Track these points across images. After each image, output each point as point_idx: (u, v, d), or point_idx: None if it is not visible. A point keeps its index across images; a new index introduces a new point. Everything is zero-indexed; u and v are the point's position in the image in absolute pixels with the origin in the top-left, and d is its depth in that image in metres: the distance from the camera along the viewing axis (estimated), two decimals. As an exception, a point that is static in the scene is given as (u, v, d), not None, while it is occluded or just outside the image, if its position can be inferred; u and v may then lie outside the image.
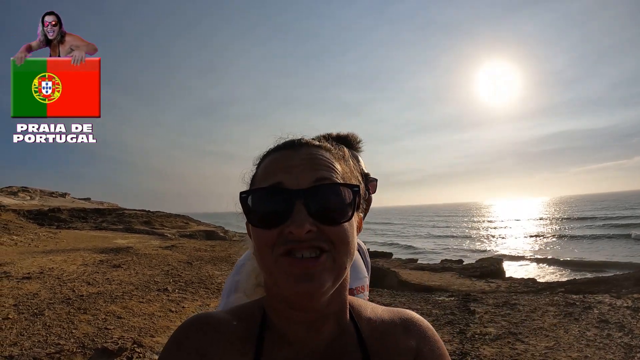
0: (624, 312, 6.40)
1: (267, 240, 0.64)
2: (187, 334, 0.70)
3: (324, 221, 0.64)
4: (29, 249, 14.13)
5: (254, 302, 0.80)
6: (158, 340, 5.26)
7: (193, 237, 25.57)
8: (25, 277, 8.46)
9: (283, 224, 0.63)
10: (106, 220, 31.01)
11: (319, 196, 0.64)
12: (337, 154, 0.74)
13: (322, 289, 0.62)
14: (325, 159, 0.70)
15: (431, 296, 8.72)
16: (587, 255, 22.94)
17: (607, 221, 43.18)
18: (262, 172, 0.72)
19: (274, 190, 0.66)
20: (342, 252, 0.65)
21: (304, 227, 0.61)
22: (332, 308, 0.71)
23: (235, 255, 8.75)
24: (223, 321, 0.73)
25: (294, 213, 0.62)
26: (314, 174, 0.66)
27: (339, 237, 0.64)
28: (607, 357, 4.75)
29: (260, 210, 0.66)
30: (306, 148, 0.71)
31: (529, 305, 7.18)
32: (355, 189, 0.68)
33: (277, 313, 0.72)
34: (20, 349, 4.74)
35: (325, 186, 0.66)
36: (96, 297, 7.12)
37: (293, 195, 0.64)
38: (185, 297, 7.62)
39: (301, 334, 0.70)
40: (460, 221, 74.72)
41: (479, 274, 12.99)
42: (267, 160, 0.73)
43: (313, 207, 0.63)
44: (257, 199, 0.67)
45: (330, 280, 0.64)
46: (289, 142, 0.73)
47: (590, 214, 60.49)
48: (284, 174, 0.66)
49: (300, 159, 0.68)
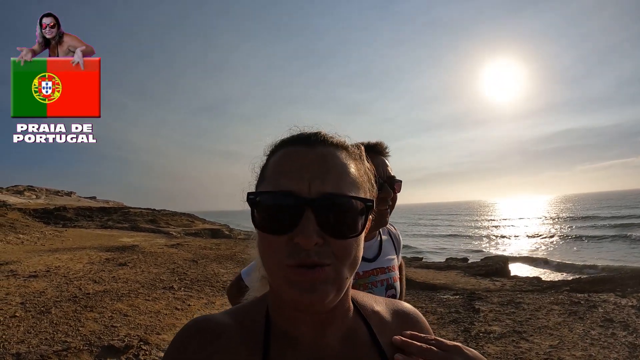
0: (628, 311, 6.37)
1: (273, 246, 0.62)
2: (188, 341, 0.67)
3: (332, 234, 0.61)
4: (35, 248, 14.24)
5: (255, 302, 0.77)
6: (164, 338, 5.30)
7: (198, 235, 25.69)
8: (31, 275, 8.55)
9: (291, 232, 0.61)
10: (112, 218, 31.18)
11: (329, 208, 0.61)
12: (353, 152, 0.71)
13: (324, 300, 0.61)
14: (339, 160, 0.66)
15: (436, 294, 8.71)
16: (589, 256, 22.77)
17: (609, 221, 42.78)
18: (273, 167, 0.68)
19: (284, 196, 0.62)
20: (346, 264, 0.63)
21: (312, 238, 0.59)
22: (337, 312, 0.70)
23: (240, 253, 8.83)
24: (225, 325, 0.69)
25: (302, 222, 0.60)
26: (326, 182, 0.63)
27: (344, 252, 0.62)
28: (611, 356, 4.74)
29: (267, 214, 0.63)
30: (321, 146, 0.67)
31: (534, 304, 7.17)
32: (369, 204, 0.65)
33: (282, 314, 0.70)
34: (27, 346, 4.78)
35: (336, 197, 0.62)
36: (102, 295, 7.17)
37: (303, 203, 0.61)
38: (191, 295, 7.67)
39: (308, 335, 0.69)
40: (465, 220, 74.43)
41: (484, 272, 12.96)
42: (279, 154, 0.69)
43: (322, 218, 0.61)
44: (265, 202, 0.64)
45: (333, 291, 0.62)
46: (304, 137, 0.69)
47: (593, 212, 60.13)
48: (295, 178, 0.63)
49: (313, 159, 0.65)
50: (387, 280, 1.66)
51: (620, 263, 18.28)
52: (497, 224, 59.92)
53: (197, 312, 6.61)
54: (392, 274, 1.69)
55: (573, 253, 24.98)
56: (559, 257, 23.20)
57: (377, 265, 1.65)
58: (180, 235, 24.47)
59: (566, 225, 46.63)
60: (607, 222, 41.29)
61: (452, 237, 42.61)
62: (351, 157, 0.69)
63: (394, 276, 1.70)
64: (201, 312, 6.68)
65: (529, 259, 21.84)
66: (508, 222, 60.64)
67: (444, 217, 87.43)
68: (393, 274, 1.70)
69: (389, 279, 1.67)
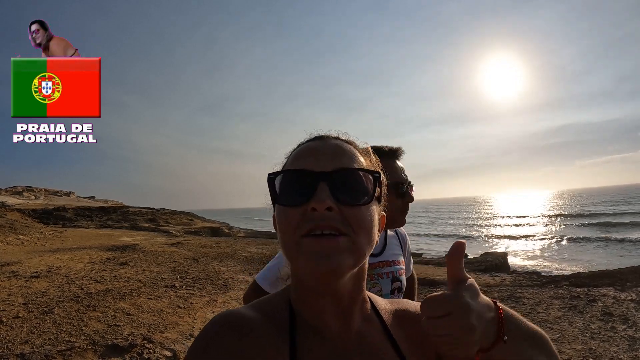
0: (628, 305, 6.42)
1: (291, 219, 0.67)
2: (216, 335, 0.67)
3: (344, 201, 0.67)
4: (35, 248, 14.23)
5: (277, 295, 0.80)
6: (168, 336, 5.33)
7: (198, 234, 25.73)
8: (33, 275, 8.55)
9: (306, 202, 0.66)
10: (111, 218, 31.18)
11: (340, 179, 0.68)
12: (362, 150, 0.79)
13: (341, 267, 0.65)
14: (349, 150, 0.74)
15: (436, 290, 8.72)
16: (584, 257, 22.62)
17: (602, 218, 42.64)
18: (291, 159, 0.76)
19: (300, 172, 0.70)
20: (361, 235, 0.67)
21: (325, 202, 0.65)
22: (356, 298, 0.74)
23: (240, 251, 8.87)
24: (252, 319, 0.71)
25: (317, 191, 0.66)
26: (338, 160, 0.71)
27: (357, 220, 0.67)
28: (611, 349, 4.79)
29: (285, 189, 0.70)
30: (333, 140, 0.76)
31: (534, 299, 7.22)
32: (376, 175, 0.71)
33: (306, 304, 0.73)
34: (31, 347, 4.79)
35: (347, 170, 0.70)
36: (105, 295, 7.19)
37: (317, 176, 0.68)
38: (193, 293, 7.69)
39: (332, 325, 0.72)
40: (465, 215, 74.51)
41: (483, 267, 13.02)
42: (296, 150, 0.78)
43: (335, 188, 0.67)
44: (284, 179, 0.72)
45: (349, 260, 0.66)
46: (319, 136, 0.79)
47: (591, 209, 60.23)
48: (310, 159, 0.71)
49: (326, 147, 0.73)
50: (392, 272, 1.72)
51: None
52: (497, 220, 60.00)
53: (199, 310, 6.63)
54: (397, 267, 1.76)
55: (570, 251, 24.98)
56: (558, 253, 23.28)
57: (383, 259, 1.72)
58: (180, 234, 24.49)
59: (564, 221, 46.71)
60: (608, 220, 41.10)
61: (451, 233, 42.65)
62: (359, 151, 0.77)
63: (399, 270, 1.76)
64: (204, 310, 6.71)
65: (529, 254, 21.92)
66: (507, 218, 60.70)
67: (443, 213, 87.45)
68: (399, 268, 1.76)
69: (395, 272, 1.73)
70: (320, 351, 0.70)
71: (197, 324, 5.95)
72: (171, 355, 4.84)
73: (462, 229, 47.93)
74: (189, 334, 5.51)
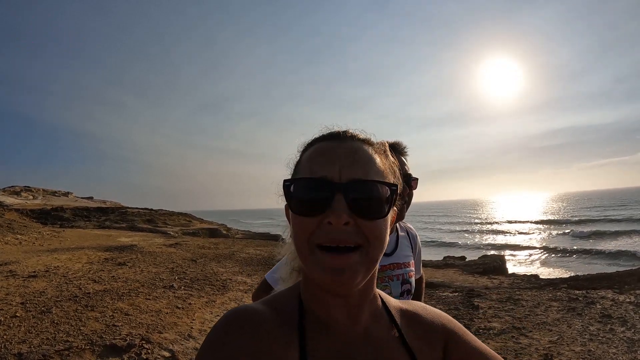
0: (626, 307, 6.43)
1: (306, 228, 0.67)
2: (230, 331, 0.68)
3: (361, 215, 0.67)
4: (33, 248, 14.18)
5: (287, 291, 0.81)
6: (166, 337, 5.31)
7: (196, 235, 25.66)
8: (31, 275, 8.51)
9: (322, 213, 0.66)
10: (109, 218, 31.07)
11: (358, 191, 0.67)
12: (378, 148, 0.77)
13: (353, 282, 0.66)
14: (367, 153, 0.73)
15: (435, 292, 8.76)
16: (581, 262, 22.58)
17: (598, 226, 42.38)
18: (306, 160, 0.75)
19: (317, 181, 0.69)
20: (376, 246, 0.68)
21: (342, 217, 0.65)
22: (366, 295, 0.75)
23: (239, 252, 8.88)
24: (263, 314, 0.72)
25: (333, 203, 0.66)
26: (355, 170, 0.69)
27: (373, 233, 0.67)
28: (610, 351, 4.79)
29: (301, 198, 0.69)
30: (350, 141, 0.74)
31: (532, 301, 7.22)
32: (393, 188, 0.71)
33: (316, 300, 0.74)
34: (29, 346, 4.77)
35: (364, 182, 0.69)
36: (103, 295, 7.16)
37: (334, 187, 0.67)
38: (192, 294, 7.67)
39: (341, 321, 0.73)
40: (463, 218, 74.62)
41: (481, 270, 13.01)
42: (312, 149, 0.76)
43: (352, 200, 0.66)
44: (300, 187, 0.71)
45: (362, 273, 0.67)
46: (335, 134, 0.76)
47: (587, 213, 60.33)
48: (327, 166, 0.69)
49: (343, 151, 0.71)
50: (402, 275, 1.72)
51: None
52: (495, 222, 60.09)
53: (198, 311, 6.61)
54: (407, 270, 1.76)
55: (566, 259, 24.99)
56: (556, 255, 23.31)
57: (394, 260, 1.72)
58: (179, 234, 24.43)
59: (561, 224, 46.75)
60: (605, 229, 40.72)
61: (450, 235, 42.68)
62: (377, 152, 0.76)
63: (409, 272, 1.77)
64: (202, 310, 6.69)
65: (527, 257, 21.94)
66: (505, 222, 60.80)
67: (442, 216, 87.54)
68: (409, 270, 1.77)
69: (405, 274, 1.73)
70: (329, 345, 0.71)
71: (196, 325, 5.93)
72: (169, 355, 4.83)
73: (459, 233, 47.96)
74: (188, 335, 5.49)
